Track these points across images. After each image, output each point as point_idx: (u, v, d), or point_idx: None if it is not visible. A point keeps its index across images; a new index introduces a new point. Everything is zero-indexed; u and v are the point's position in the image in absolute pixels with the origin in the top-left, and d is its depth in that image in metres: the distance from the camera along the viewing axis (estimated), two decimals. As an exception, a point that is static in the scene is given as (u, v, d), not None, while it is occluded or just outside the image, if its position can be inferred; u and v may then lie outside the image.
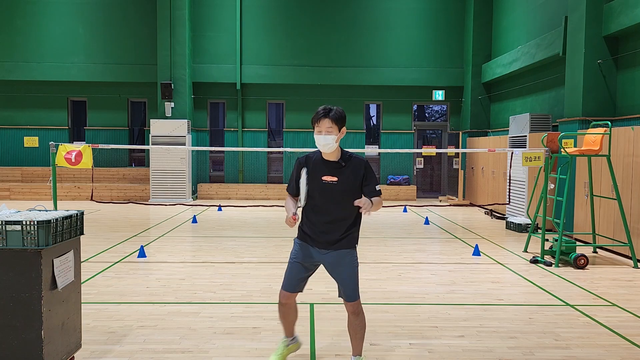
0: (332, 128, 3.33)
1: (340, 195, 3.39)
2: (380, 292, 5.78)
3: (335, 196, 3.39)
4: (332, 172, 3.40)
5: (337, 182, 3.38)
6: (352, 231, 3.52)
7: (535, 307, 5.30)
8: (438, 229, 10.41)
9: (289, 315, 3.71)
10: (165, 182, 14.81)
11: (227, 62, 16.06)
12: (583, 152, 7.58)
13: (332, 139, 3.33)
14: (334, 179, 3.39)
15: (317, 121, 3.36)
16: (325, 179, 3.39)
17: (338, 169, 3.41)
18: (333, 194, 3.39)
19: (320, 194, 3.41)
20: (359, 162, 3.46)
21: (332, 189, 3.39)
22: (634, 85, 8.76)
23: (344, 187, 3.39)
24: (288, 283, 3.59)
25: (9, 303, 3.18)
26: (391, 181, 16.31)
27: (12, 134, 16.37)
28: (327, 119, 3.33)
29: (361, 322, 3.56)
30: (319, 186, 3.39)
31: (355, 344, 3.63)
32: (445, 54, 16.27)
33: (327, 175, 3.39)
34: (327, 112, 3.35)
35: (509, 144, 11.58)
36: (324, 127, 3.33)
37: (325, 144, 3.34)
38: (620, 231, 7.72)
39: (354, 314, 3.53)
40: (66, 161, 7.81)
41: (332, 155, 3.42)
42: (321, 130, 3.34)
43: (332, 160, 3.42)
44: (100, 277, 6.27)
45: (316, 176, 3.40)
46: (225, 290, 5.81)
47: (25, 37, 15.95)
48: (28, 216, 3.29)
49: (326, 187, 3.39)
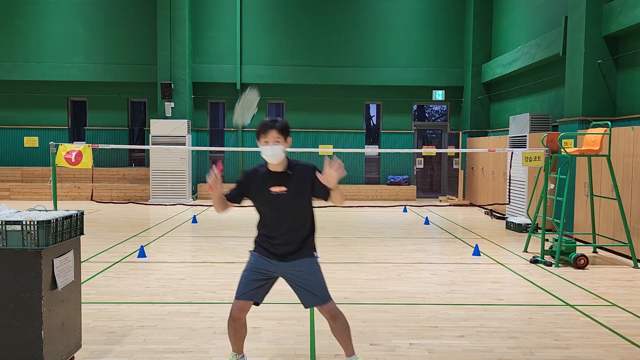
0: (279, 138, 3.31)
1: (291, 204, 3.34)
2: (380, 292, 5.78)
3: (287, 206, 3.33)
4: (279, 182, 3.35)
5: (287, 192, 3.34)
6: (309, 240, 3.48)
7: (535, 307, 5.30)
8: (438, 229, 10.41)
9: (240, 332, 3.54)
10: (165, 182, 14.80)
11: (227, 62, 16.06)
12: (583, 152, 7.58)
13: (279, 149, 3.31)
14: (282, 189, 3.34)
15: (263, 132, 3.31)
16: (274, 190, 3.34)
17: (286, 179, 3.36)
18: (284, 204, 3.34)
19: (271, 206, 3.36)
20: (306, 168, 3.41)
21: (282, 200, 3.34)
22: (634, 85, 8.76)
23: (294, 195, 3.35)
24: (242, 291, 3.41)
25: (9, 303, 3.18)
26: (391, 181, 16.31)
27: (12, 134, 16.37)
28: (274, 130, 3.30)
29: (343, 324, 3.50)
30: (269, 198, 3.35)
31: (345, 346, 3.56)
32: (445, 54, 16.27)
33: (275, 186, 3.34)
34: (273, 123, 3.32)
35: (509, 144, 11.57)
36: (271, 138, 3.30)
37: (273, 154, 3.30)
38: (620, 231, 7.72)
39: (332, 318, 3.45)
40: (66, 161, 7.81)
41: (279, 166, 3.38)
42: (268, 141, 3.30)
43: (279, 171, 3.38)
44: (100, 277, 6.27)
45: (264, 189, 3.35)
46: (225, 290, 5.81)
47: (25, 37, 15.95)
48: (28, 216, 3.29)
49: (276, 198, 3.34)
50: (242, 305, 3.42)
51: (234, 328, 3.50)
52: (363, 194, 15.87)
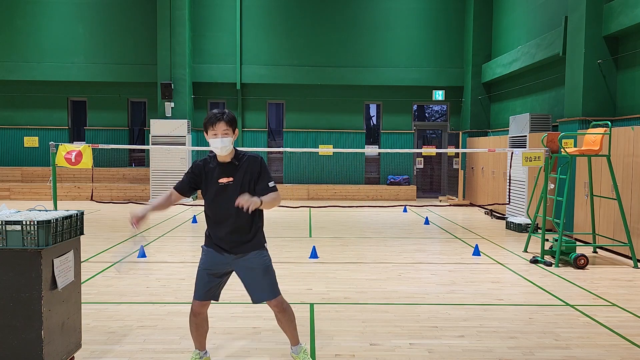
0: (228, 130, 3.36)
1: (237, 194, 3.31)
2: (380, 292, 5.78)
3: (233, 196, 3.31)
4: (227, 173, 3.41)
5: (233, 182, 3.39)
6: (258, 230, 3.51)
7: (535, 307, 5.30)
8: (438, 229, 10.40)
9: (202, 327, 3.64)
10: (165, 182, 14.80)
11: (227, 62, 16.06)
12: (583, 152, 7.58)
13: (228, 141, 3.36)
14: (229, 179, 3.39)
15: (212, 125, 3.36)
16: (222, 181, 3.39)
17: (233, 169, 3.42)
18: (230, 194, 3.36)
19: (219, 196, 3.40)
20: (253, 159, 3.46)
21: (228, 190, 3.38)
22: (634, 85, 8.76)
23: (240, 186, 3.39)
24: (199, 292, 3.54)
25: (9, 303, 3.18)
26: (391, 181, 16.31)
27: (12, 134, 16.37)
28: (222, 122, 3.35)
29: (289, 316, 3.60)
30: (216, 189, 3.39)
31: (291, 335, 3.69)
32: (445, 54, 16.27)
33: (223, 177, 3.40)
34: (221, 116, 3.37)
35: (509, 144, 11.57)
36: (219, 130, 3.34)
37: (222, 146, 3.35)
38: (620, 231, 7.72)
39: (281, 311, 3.55)
40: (66, 161, 7.81)
41: (227, 157, 3.43)
42: (217, 134, 3.34)
43: (227, 162, 3.43)
44: (100, 277, 6.27)
45: (213, 180, 3.40)
46: (225, 290, 5.75)
47: (25, 37, 15.95)
48: (28, 216, 3.29)
49: (223, 188, 3.39)
50: (200, 303, 3.55)
51: (196, 323, 3.59)
52: (363, 194, 15.87)
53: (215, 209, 3.45)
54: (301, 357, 3.70)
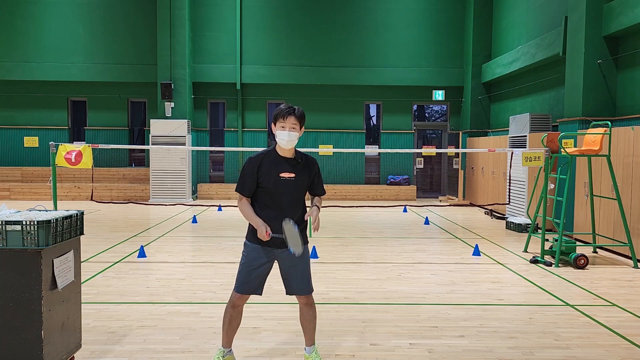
0: (296, 125, 3.45)
1: (296, 190, 3.49)
2: (380, 292, 5.78)
3: (291, 191, 3.48)
4: (289, 168, 3.48)
5: (294, 178, 3.49)
6: (303, 226, 3.59)
7: (535, 307, 5.30)
8: (438, 229, 10.41)
9: (236, 320, 3.64)
10: (165, 182, 14.81)
11: (227, 62, 16.06)
12: (583, 152, 7.58)
13: (295, 135, 3.45)
14: (291, 175, 3.48)
15: (282, 117, 3.44)
16: (283, 175, 3.46)
17: (295, 166, 3.51)
18: (289, 189, 3.48)
19: (277, 190, 3.46)
20: (312, 161, 3.62)
21: (289, 185, 3.47)
22: (634, 85, 8.76)
23: (300, 183, 3.51)
24: (245, 286, 3.54)
25: (9, 303, 3.18)
26: (391, 181, 16.31)
27: (12, 134, 16.37)
28: (293, 116, 3.44)
29: (314, 313, 3.70)
30: (277, 182, 3.45)
31: (310, 335, 3.74)
32: (445, 54, 16.28)
33: (285, 171, 3.47)
34: (292, 110, 3.46)
35: (509, 144, 11.57)
36: (288, 124, 3.43)
37: (289, 139, 3.43)
38: (620, 231, 7.72)
39: (308, 305, 3.66)
40: (66, 161, 7.80)
41: (289, 152, 3.52)
42: (285, 127, 3.43)
43: (289, 157, 3.52)
44: (100, 277, 6.27)
45: (273, 172, 3.45)
46: (225, 290, 5.81)
47: (25, 37, 15.96)
48: (28, 216, 3.29)
49: (283, 183, 3.46)
50: (243, 297, 3.58)
51: (231, 315, 3.61)
52: (363, 194, 15.87)
53: (269, 200, 3.49)
54: (313, 357, 3.74)
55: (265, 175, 3.45)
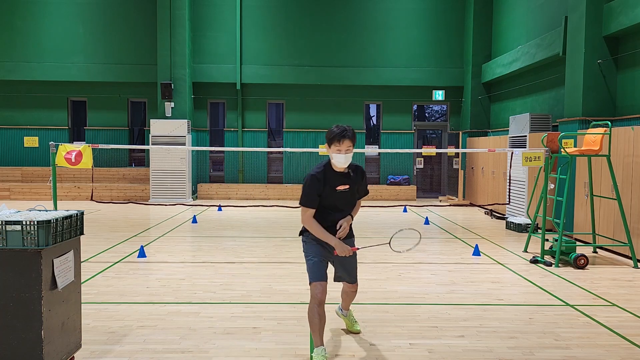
0: (351, 147, 3.75)
1: (351, 198, 3.95)
2: (381, 292, 5.78)
3: (348, 200, 3.92)
4: (344, 181, 3.85)
5: (349, 189, 3.88)
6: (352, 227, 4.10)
7: (535, 307, 5.30)
8: (438, 229, 10.40)
9: (324, 316, 3.79)
10: (165, 182, 14.81)
11: (227, 62, 16.06)
12: (583, 152, 7.58)
13: (350, 157, 3.77)
14: (346, 187, 3.86)
15: (338, 141, 3.71)
16: (339, 188, 3.82)
17: (348, 178, 3.88)
18: (347, 198, 3.90)
19: (337, 201, 3.85)
20: (360, 169, 4.01)
21: (345, 195, 3.88)
22: (634, 85, 8.76)
23: (353, 191, 3.94)
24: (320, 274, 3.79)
25: (9, 303, 3.18)
26: (391, 181, 16.31)
27: (12, 134, 16.37)
28: (348, 139, 3.72)
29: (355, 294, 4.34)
30: (335, 195, 3.82)
31: (347, 304, 4.44)
32: (445, 54, 16.27)
33: (341, 185, 3.83)
34: (348, 133, 3.74)
35: (509, 144, 11.57)
36: (344, 147, 3.72)
37: (346, 162, 3.76)
38: (620, 231, 7.72)
39: (355, 291, 4.28)
40: (66, 161, 7.80)
41: (344, 168, 3.85)
42: (341, 150, 3.72)
43: (342, 172, 3.86)
44: (100, 277, 6.27)
45: (332, 187, 3.80)
46: (225, 290, 5.81)
47: (25, 37, 15.96)
48: (28, 216, 3.29)
49: (341, 194, 3.85)
50: (324, 285, 3.78)
51: (319, 313, 3.75)
52: (363, 194, 15.84)
53: (332, 209, 3.86)
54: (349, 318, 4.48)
55: (326, 190, 3.79)
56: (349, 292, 4.27)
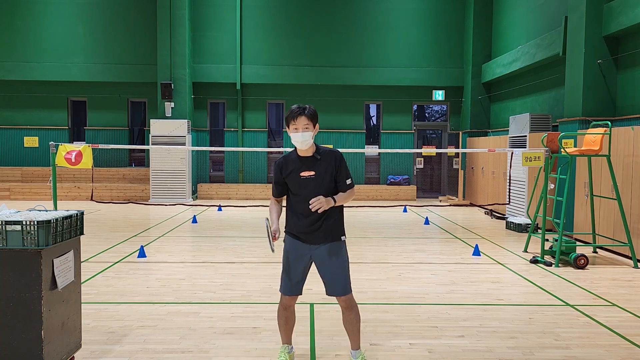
0: (309, 125, 3.45)
1: (319, 188, 3.47)
2: (380, 292, 5.78)
3: (315, 189, 3.46)
4: (309, 167, 3.49)
5: (315, 176, 3.48)
6: (336, 223, 3.58)
7: (535, 307, 5.30)
8: (438, 229, 10.40)
9: (291, 319, 3.73)
10: (165, 182, 14.81)
11: (227, 62, 16.06)
12: (583, 152, 7.58)
13: (309, 135, 3.44)
14: (311, 173, 3.48)
15: (293, 119, 3.45)
16: (304, 175, 3.48)
17: (314, 163, 3.50)
18: (312, 187, 3.47)
19: (301, 189, 3.49)
20: (333, 154, 3.57)
21: (310, 183, 3.48)
22: (634, 85, 8.76)
23: (321, 179, 3.49)
24: (290, 287, 3.60)
25: (9, 303, 3.18)
26: (391, 181, 16.31)
27: (12, 134, 16.37)
28: (303, 116, 3.44)
29: (356, 315, 3.64)
30: (299, 182, 3.49)
31: (354, 339, 3.69)
32: (445, 54, 16.28)
33: (305, 170, 3.48)
34: (302, 110, 3.46)
35: (509, 144, 11.57)
36: (300, 125, 3.43)
37: (303, 140, 3.43)
38: (620, 231, 7.72)
39: (348, 308, 3.60)
40: (66, 161, 7.80)
41: (308, 151, 3.52)
42: (297, 128, 3.43)
43: (308, 156, 3.52)
44: (100, 277, 6.27)
45: (296, 173, 3.49)
46: (225, 290, 5.81)
47: (25, 37, 15.95)
48: (28, 216, 3.29)
49: (305, 182, 3.48)
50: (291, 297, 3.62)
51: (286, 317, 3.68)
52: (363, 194, 15.86)
53: (296, 199, 3.53)
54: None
55: (289, 176, 3.51)
56: (342, 309, 3.65)
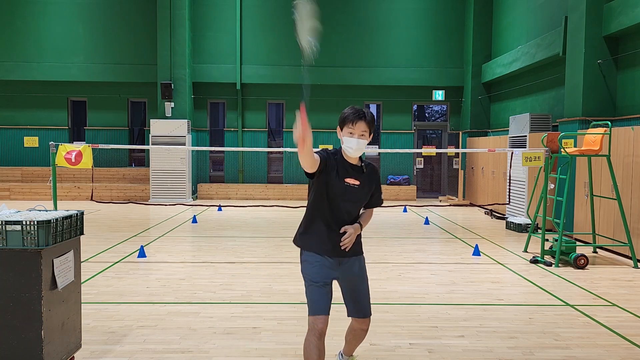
0: (366, 132, 3.07)
1: (360, 199, 3.19)
2: (380, 292, 5.78)
3: (355, 200, 3.16)
4: (355, 175, 3.13)
5: (359, 186, 3.14)
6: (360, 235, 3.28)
7: (535, 307, 5.30)
8: (438, 229, 10.40)
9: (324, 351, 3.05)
10: (165, 182, 14.81)
11: (227, 62, 16.06)
12: (583, 152, 7.58)
13: (364, 144, 3.08)
14: (356, 182, 3.13)
15: (351, 122, 3.04)
16: (349, 182, 3.10)
17: (360, 173, 3.17)
18: (354, 197, 3.14)
19: (341, 196, 3.10)
20: (374, 168, 3.30)
21: (353, 192, 3.13)
22: (634, 85, 8.76)
23: (364, 191, 3.19)
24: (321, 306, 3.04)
25: (9, 303, 3.18)
26: (391, 181, 16.31)
27: (12, 134, 16.36)
28: (363, 122, 3.04)
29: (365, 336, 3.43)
30: (341, 188, 3.08)
31: (352, 348, 3.62)
32: (445, 54, 16.28)
33: (351, 178, 3.11)
34: (362, 115, 3.06)
35: (509, 144, 11.57)
36: (358, 131, 3.04)
37: (358, 148, 3.06)
38: (620, 231, 7.72)
39: (366, 330, 3.35)
40: (66, 161, 7.80)
41: (355, 159, 3.16)
42: (354, 133, 3.04)
43: (355, 164, 3.17)
44: (100, 277, 6.27)
45: (340, 177, 3.09)
46: (225, 290, 5.81)
47: (25, 37, 15.95)
48: (28, 216, 3.29)
49: (348, 189, 3.11)
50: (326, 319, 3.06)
51: (319, 348, 3.00)
52: (363, 194, 15.84)
53: (329, 207, 3.11)
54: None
55: (333, 177, 3.07)
56: (358, 330, 3.33)
